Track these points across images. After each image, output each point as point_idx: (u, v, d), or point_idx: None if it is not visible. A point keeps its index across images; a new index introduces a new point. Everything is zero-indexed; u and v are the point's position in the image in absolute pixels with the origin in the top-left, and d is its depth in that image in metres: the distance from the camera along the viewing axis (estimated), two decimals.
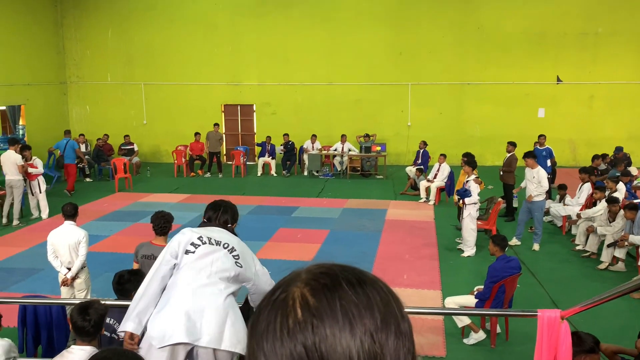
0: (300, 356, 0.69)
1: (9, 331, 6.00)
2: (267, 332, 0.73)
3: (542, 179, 9.42)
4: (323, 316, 0.71)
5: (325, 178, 16.36)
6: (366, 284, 0.75)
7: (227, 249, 3.72)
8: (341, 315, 0.71)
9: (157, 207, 6.38)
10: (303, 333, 0.70)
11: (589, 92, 17.42)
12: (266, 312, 0.75)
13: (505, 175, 11.79)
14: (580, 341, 3.99)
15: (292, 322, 0.71)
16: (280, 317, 0.73)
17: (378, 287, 0.76)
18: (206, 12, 18.43)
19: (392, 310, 0.74)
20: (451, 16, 17.53)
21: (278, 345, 0.71)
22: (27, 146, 11.95)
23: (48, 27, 18.56)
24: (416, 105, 18.11)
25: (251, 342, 0.75)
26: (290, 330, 0.71)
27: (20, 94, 16.95)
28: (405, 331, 0.74)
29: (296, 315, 0.72)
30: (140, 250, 5.51)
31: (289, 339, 0.71)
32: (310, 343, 0.70)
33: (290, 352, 0.70)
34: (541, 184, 9.42)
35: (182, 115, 18.98)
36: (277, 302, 0.75)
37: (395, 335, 0.73)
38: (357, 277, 0.76)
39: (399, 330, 0.73)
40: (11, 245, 10.11)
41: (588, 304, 3.07)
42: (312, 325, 0.71)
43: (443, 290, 7.83)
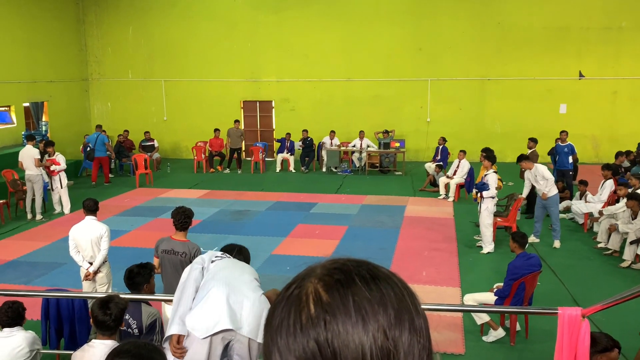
0: (312, 352, 0.69)
1: (33, 324, 6.11)
2: (280, 328, 0.73)
3: (545, 173, 9.38)
4: (335, 312, 0.71)
5: (343, 174, 16.35)
6: (380, 280, 0.75)
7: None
8: (354, 312, 0.71)
9: (177, 203, 6.45)
10: (315, 329, 0.70)
11: (612, 87, 17.14)
12: (280, 307, 0.75)
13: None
14: (594, 342, 3.94)
15: (305, 318, 0.72)
16: (294, 313, 0.73)
17: (392, 283, 0.76)
18: (226, 9, 18.51)
19: (406, 306, 0.74)
20: (471, 11, 17.36)
21: (291, 341, 0.71)
22: (50, 142, 12.17)
23: (70, 25, 18.80)
24: (435, 101, 18.00)
25: (266, 337, 0.76)
26: (303, 325, 0.71)
27: (43, 91, 17.20)
28: (420, 327, 0.74)
29: (309, 310, 0.72)
30: (161, 245, 5.57)
31: (301, 334, 0.71)
32: (323, 339, 0.70)
33: (303, 347, 0.70)
34: (546, 178, 9.37)
35: (202, 111, 19.10)
36: (291, 297, 0.75)
37: (409, 332, 0.72)
38: (370, 272, 0.76)
39: (413, 326, 0.73)
40: (34, 239, 10.29)
41: (610, 303, 3.04)
42: (324, 321, 0.71)
43: (462, 287, 7.79)
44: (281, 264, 8.83)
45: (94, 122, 19.90)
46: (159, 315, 4.72)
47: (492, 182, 9.07)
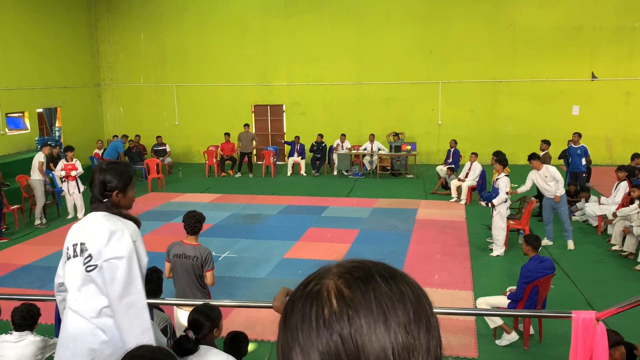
0: (336, 346, 0.70)
1: (48, 328, 6.15)
2: (302, 323, 0.73)
3: (555, 174, 9.33)
4: (358, 307, 0.72)
5: (354, 177, 16.33)
6: (397, 278, 0.77)
7: None
8: (375, 307, 0.72)
9: (189, 207, 6.47)
10: (339, 323, 0.71)
11: (625, 88, 16.99)
12: (300, 303, 0.76)
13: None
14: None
15: (328, 313, 0.72)
16: (316, 308, 0.73)
17: (409, 282, 0.78)
18: (237, 14, 18.59)
19: (423, 304, 0.75)
20: (482, 13, 17.30)
21: (314, 336, 0.71)
22: (69, 147, 12.26)
23: (83, 31, 18.98)
24: (447, 104, 17.94)
25: (285, 335, 0.76)
26: (327, 320, 0.72)
27: (56, 97, 17.37)
28: (435, 325, 0.75)
29: (332, 305, 0.72)
30: (172, 249, 5.59)
31: (325, 329, 0.71)
32: (347, 333, 0.70)
33: (327, 341, 0.70)
34: (556, 179, 9.32)
35: (213, 116, 19.19)
36: (312, 293, 0.76)
37: (427, 329, 0.73)
38: (388, 271, 0.78)
39: (429, 324, 0.74)
40: (48, 244, 10.38)
41: (625, 306, 3.00)
42: (347, 315, 0.71)
43: (475, 290, 7.75)
44: (293, 267, 8.83)
45: (106, 128, 20.08)
46: (171, 320, 4.74)
47: (502, 186, 9.00)
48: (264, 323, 6.77)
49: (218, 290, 7.10)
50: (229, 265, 9.02)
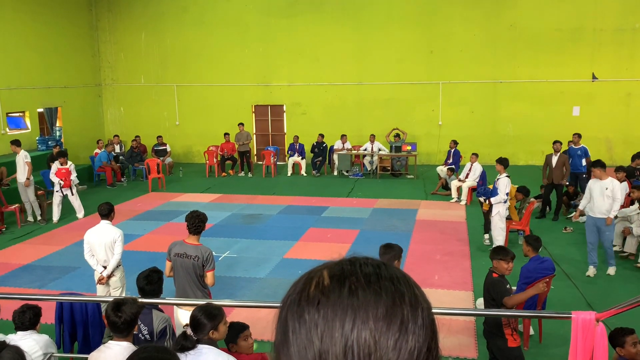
0: (306, 325, 0.75)
1: (47, 327, 6.16)
2: (291, 301, 0.79)
3: (617, 192, 7.93)
4: (329, 295, 0.76)
5: (355, 178, 16.34)
6: (383, 277, 0.78)
7: None
8: (346, 298, 0.75)
9: (190, 207, 6.48)
10: (309, 307, 0.76)
11: (625, 89, 16.99)
12: (293, 285, 0.83)
13: (559, 175, 11.47)
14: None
15: (304, 296, 0.78)
16: (299, 290, 0.80)
17: (397, 282, 0.78)
18: (237, 14, 18.59)
19: (403, 307, 0.75)
20: (483, 13, 17.30)
21: (294, 314, 0.77)
22: (62, 153, 12.18)
23: (83, 31, 18.99)
24: (447, 104, 17.94)
25: (281, 311, 0.81)
26: (302, 302, 0.77)
27: (57, 97, 17.38)
28: (414, 330, 0.74)
29: (309, 290, 0.78)
30: (173, 248, 5.60)
31: (298, 309, 0.77)
32: (316, 317, 0.74)
33: (299, 320, 0.75)
34: (616, 197, 7.92)
35: (214, 116, 19.19)
36: (303, 278, 0.82)
37: (399, 331, 0.73)
38: (377, 269, 0.80)
39: (404, 326, 0.74)
40: (49, 244, 10.39)
41: (625, 306, 3.01)
42: (318, 301, 0.76)
43: (475, 291, 7.75)
44: (293, 267, 8.83)
45: (107, 127, 20.09)
46: (170, 321, 4.74)
47: (502, 187, 8.99)
48: (264, 323, 6.78)
49: (218, 290, 7.11)
50: (229, 265, 9.02)
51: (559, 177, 11.43)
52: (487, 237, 9.93)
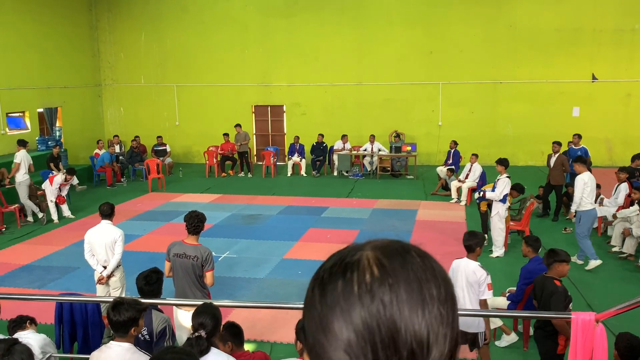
0: (377, 311, 0.71)
1: (47, 328, 6.16)
2: (344, 289, 0.74)
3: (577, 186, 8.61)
4: (398, 276, 0.73)
5: (355, 178, 16.34)
6: (427, 256, 0.79)
7: None
8: (413, 279, 0.73)
9: (189, 207, 6.48)
10: (381, 289, 0.72)
11: (625, 90, 17.00)
12: (339, 271, 0.76)
13: (557, 175, 11.48)
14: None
15: (370, 279, 0.73)
16: (357, 274, 0.74)
17: (437, 262, 0.80)
18: (237, 14, 18.60)
19: (450, 284, 0.78)
20: (482, 14, 17.31)
21: (356, 300, 0.72)
22: (72, 170, 12.34)
23: (83, 31, 18.99)
24: (447, 105, 17.94)
25: (322, 303, 0.75)
26: (368, 285, 0.72)
27: (57, 97, 17.38)
28: (456, 302, 0.77)
29: (373, 272, 0.74)
30: (172, 249, 5.59)
31: (367, 294, 0.72)
32: (388, 299, 0.71)
33: (368, 307, 0.71)
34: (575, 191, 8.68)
35: (214, 116, 19.19)
36: (351, 262, 0.76)
37: (453, 304, 0.76)
38: (418, 249, 0.80)
39: (453, 300, 0.76)
40: (48, 244, 10.39)
41: (624, 307, 3.01)
42: (388, 283, 0.72)
43: None
44: (292, 268, 8.83)
45: (107, 128, 20.09)
46: (169, 321, 4.74)
47: (501, 186, 8.99)
48: (263, 323, 6.78)
49: (218, 290, 7.11)
50: (229, 265, 9.02)
51: (556, 178, 11.44)
52: (485, 238, 9.92)
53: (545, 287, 5.02)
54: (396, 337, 0.70)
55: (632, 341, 4.12)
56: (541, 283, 5.13)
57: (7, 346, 3.14)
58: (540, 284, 5.14)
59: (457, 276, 5.40)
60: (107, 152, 15.90)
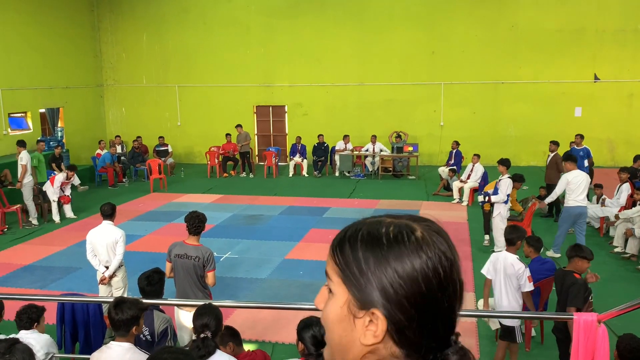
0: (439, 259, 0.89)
1: (48, 328, 6.16)
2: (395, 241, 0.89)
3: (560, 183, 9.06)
4: (435, 235, 0.93)
5: (356, 179, 16.33)
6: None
7: None
8: (443, 236, 0.94)
9: (191, 208, 6.48)
10: (435, 242, 0.91)
11: (628, 90, 16.97)
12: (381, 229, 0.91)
13: (551, 174, 11.49)
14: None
15: (421, 235, 0.91)
16: (406, 231, 0.91)
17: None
18: (239, 15, 18.60)
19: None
20: (485, 14, 17.29)
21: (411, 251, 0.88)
22: (73, 167, 12.46)
23: (85, 32, 19.01)
24: (449, 105, 17.93)
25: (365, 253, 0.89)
26: (421, 240, 0.90)
27: (59, 97, 17.40)
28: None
29: (418, 231, 0.91)
30: (174, 249, 5.59)
31: (425, 245, 0.89)
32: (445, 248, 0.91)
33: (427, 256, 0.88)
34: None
35: (215, 116, 19.20)
36: (393, 223, 0.92)
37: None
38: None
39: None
40: (50, 244, 10.39)
41: (626, 308, 3.00)
42: (434, 238, 0.92)
43: (476, 292, 7.73)
44: (294, 268, 8.83)
45: (108, 128, 20.11)
46: (171, 321, 4.74)
47: (503, 188, 8.98)
48: (265, 324, 6.78)
49: (219, 290, 7.11)
50: (231, 265, 9.02)
51: (551, 177, 11.45)
52: (487, 238, 9.92)
53: (565, 280, 5.16)
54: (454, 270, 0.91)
55: (633, 343, 4.10)
56: (561, 276, 5.28)
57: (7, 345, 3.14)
58: (561, 277, 5.29)
59: (495, 269, 5.62)
60: (108, 153, 15.93)
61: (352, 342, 0.89)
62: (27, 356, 3.18)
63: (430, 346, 0.88)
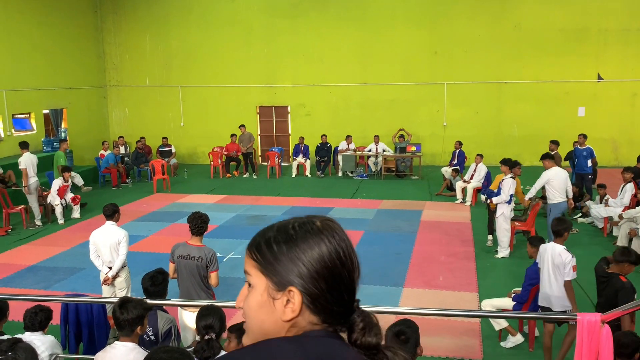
0: (339, 243, 1.11)
1: (52, 328, 6.17)
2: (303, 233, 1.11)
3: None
4: (336, 223, 1.16)
5: (359, 179, 16.33)
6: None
7: None
8: (338, 226, 1.15)
9: (194, 208, 6.49)
10: (332, 228, 1.13)
11: (631, 89, 16.92)
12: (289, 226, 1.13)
13: None
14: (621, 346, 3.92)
15: (320, 224, 1.13)
16: (308, 225, 1.12)
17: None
18: (242, 15, 18.62)
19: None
20: (487, 14, 17.27)
21: (316, 237, 1.10)
22: (67, 168, 12.45)
23: (88, 33, 19.05)
24: (452, 105, 17.91)
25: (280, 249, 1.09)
26: (321, 228, 1.12)
27: (62, 98, 17.44)
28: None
29: (317, 223, 1.13)
30: (177, 250, 5.60)
31: (326, 230, 1.12)
32: (340, 232, 1.14)
33: (329, 240, 1.10)
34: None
35: (218, 117, 19.22)
36: (297, 221, 1.15)
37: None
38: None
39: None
40: (54, 245, 10.42)
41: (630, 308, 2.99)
42: (331, 227, 1.14)
43: (480, 292, 7.73)
44: None
45: (112, 129, 20.15)
46: (175, 322, 4.74)
47: (506, 188, 8.96)
48: None
49: (222, 291, 7.12)
50: (234, 266, 9.03)
51: None
52: (490, 238, 9.91)
53: (611, 283, 5.26)
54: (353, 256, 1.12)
55: (624, 338, 4.10)
56: (606, 278, 5.36)
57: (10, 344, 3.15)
58: (605, 279, 5.37)
59: (543, 259, 5.78)
60: (112, 153, 15.96)
61: (274, 322, 1.07)
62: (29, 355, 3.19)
63: (339, 311, 1.09)
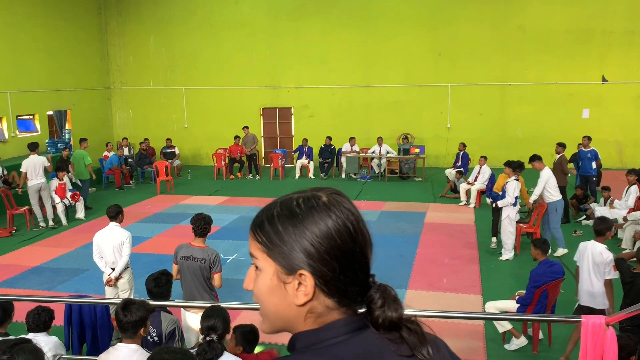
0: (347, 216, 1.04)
1: (56, 329, 6.18)
2: (308, 209, 1.02)
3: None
4: (342, 195, 1.08)
5: (363, 180, 16.32)
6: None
7: None
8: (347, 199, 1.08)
9: (198, 209, 6.49)
10: (342, 202, 1.06)
11: (636, 91, 16.86)
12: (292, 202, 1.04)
13: (557, 176, 11.41)
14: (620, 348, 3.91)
15: (327, 199, 1.04)
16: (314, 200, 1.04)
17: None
18: (245, 17, 18.64)
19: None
20: (491, 15, 17.24)
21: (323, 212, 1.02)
22: (61, 167, 12.48)
23: (93, 35, 19.10)
24: (456, 107, 17.88)
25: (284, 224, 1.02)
26: (328, 203, 1.04)
27: (66, 99, 17.49)
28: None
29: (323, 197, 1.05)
30: (180, 251, 5.60)
31: (333, 206, 1.03)
32: (349, 205, 1.06)
33: (338, 214, 1.03)
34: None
35: (222, 118, 19.24)
36: (300, 196, 1.06)
37: None
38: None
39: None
40: (57, 246, 10.44)
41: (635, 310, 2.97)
42: (339, 200, 1.06)
43: (484, 294, 7.71)
44: None
45: (116, 130, 20.20)
46: (179, 323, 4.74)
47: (510, 191, 8.94)
48: None
49: (226, 292, 7.11)
50: (237, 267, 9.03)
51: (557, 179, 11.36)
52: (494, 241, 9.89)
53: (637, 283, 5.41)
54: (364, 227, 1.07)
55: (618, 340, 4.08)
56: (632, 279, 5.49)
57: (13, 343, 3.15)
58: (631, 279, 5.49)
59: (583, 257, 5.93)
60: (115, 155, 15.99)
61: (288, 307, 1.01)
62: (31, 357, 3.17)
63: (354, 290, 1.02)
